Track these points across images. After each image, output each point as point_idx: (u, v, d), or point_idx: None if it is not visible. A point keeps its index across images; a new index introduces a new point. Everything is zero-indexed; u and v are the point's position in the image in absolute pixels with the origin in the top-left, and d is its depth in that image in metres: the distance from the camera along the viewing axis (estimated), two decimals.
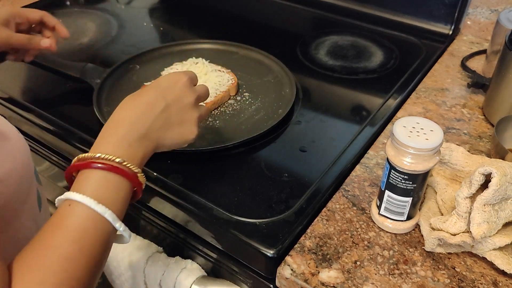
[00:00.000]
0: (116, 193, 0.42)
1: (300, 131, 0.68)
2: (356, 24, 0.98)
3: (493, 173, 0.46)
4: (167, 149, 0.50)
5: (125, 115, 0.47)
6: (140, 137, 0.45)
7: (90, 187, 0.41)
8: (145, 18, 1.05)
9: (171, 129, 0.49)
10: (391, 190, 0.50)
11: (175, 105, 0.50)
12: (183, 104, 0.50)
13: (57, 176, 0.78)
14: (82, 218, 0.39)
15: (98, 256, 0.40)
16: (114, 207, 0.41)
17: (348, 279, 0.48)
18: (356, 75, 0.82)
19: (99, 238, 0.40)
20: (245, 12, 1.08)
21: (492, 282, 0.48)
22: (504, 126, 0.63)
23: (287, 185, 0.59)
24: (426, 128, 0.47)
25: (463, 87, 0.78)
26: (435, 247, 0.50)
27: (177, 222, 0.60)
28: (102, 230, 0.40)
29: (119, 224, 0.41)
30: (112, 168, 0.42)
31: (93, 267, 0.39)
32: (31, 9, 0.70)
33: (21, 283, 0.35)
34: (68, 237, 0.38)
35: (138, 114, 0.47)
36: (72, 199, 0.39)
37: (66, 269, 0.37)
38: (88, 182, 0.41)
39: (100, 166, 0.41)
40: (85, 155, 0.42)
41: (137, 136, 0.45)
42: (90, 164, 0.41)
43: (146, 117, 0.47)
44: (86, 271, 0.38)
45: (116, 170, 0.42)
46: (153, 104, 0.48)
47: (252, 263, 0.54)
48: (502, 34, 0.75)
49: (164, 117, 0.48)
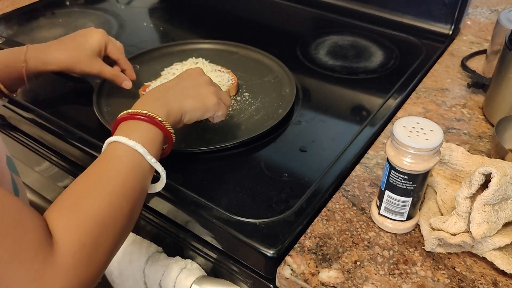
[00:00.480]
0: (151, 138, 0.49)
1: (300, 131, 0.68)
2: (356, 24, 0.98)
3: (493, 173, 0.46)
4: (191, 116, 0.56)
5: (149, 96, 0.55)
6: (165, 105, 0.53)
7: (128, 130, 0.49)
8: (145, 18, 1.05)
9: (190, 97, 0.56)
10: (391, 190, 0.50)
11: (191, 81, 0.58)
12: (198, 81, 0.58)
13: (57, 176, 0.78)
14: (119, 154, 0.47)
15: (135, 193, 0.46)
16: (148, 146, 0.48)
17: (348, 279, 0.48)
18: (356, 75, 0.82)
19: (138, 174, 0.47)
20: (245, 12, 1.08)
21: (492, 282, 0.48)
22: (504, 126, 0.63)
23: (287, 185, 0.58)
24: (426, 128, 0.47)
25: (463, 87, 0.78)
26: (435, 247, 0.50)
27: (177, 222, 0.60)
28: (137, 166, 0.47)
29: (150, 157, 0.48)
30: (151, 121, 0.50)
31: (132, 203, 0.45)
32: (115, 45, 0.73)
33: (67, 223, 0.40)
34: (112, 174, 0.45)
35: (159, 92, 0.55)
36: (111, 141, 0.48)
37: (110, 202, 0.43)
38: (130, 129, 0.49)
39: (142, 118, 0.50)
40: (129, 110, 0.51)
41: (163, 103, 0.53)
42: (134, 116, 0.50)
43: (165, 93, 0.55)
44: (127, 208, 0.44)
45: (154, 123, 0.50)
46: (170, 84, 0.57)
47: (252, 263, 0.54)
48: (502, 34, 0.75)
49: (181, 88, 0.56)
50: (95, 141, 0.66)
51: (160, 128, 0.50)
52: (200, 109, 0.56)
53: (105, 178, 0.45)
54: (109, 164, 0.46)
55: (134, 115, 0.50)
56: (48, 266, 0.37)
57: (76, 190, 0.44)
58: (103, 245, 0.42)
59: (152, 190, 0.52)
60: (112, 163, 0.46)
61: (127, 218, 0.45)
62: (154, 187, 0.52)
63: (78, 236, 0.40)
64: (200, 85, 0.58)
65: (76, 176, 0.75)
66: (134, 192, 0.46)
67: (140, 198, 0.47)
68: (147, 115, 0.50)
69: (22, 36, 0.95)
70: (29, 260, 0.37)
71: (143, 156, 0.47)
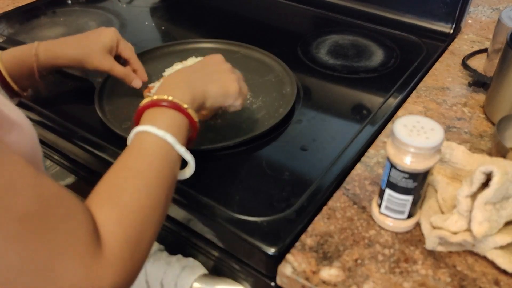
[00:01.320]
0: (178, 126, 0.49)
1: (301, 130, 0.68)
2: (357, 23, 0.98)
3: (494, 172, 0.46)
4: (213, 102, 0.56)
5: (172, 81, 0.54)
6: (189, 90, 0.52)
7: (154, 119, 0.48)
8: (146, 17, 1.05)
9: (215, 82, 0.56)
10: (391, 189, 0.50)
11: (215, 67, 0.58)
12: (222, 67, 0.58)
13: (59, 174, 0.78)
14: (150, 144, 0.46)
15: (169, 182, 0.46)
16: (176, 134, 0.48)
17: (349, 277, 0.48)
18: (357, 74, 0.82)
19: (169, 163, 0.47)
20: (246, 11, 1.08)
21: (494, 281, 0.48)
22: (505, 124, 0.63)
23: (288, 183, 0.59)
24: (427, 127, 0.47)
25: (464, 86, 0.78)
26: (436, 246, 0.50)
27: (179, 221, 0.60)
28: (167, 155, 0.47)
29: (179, 146, 0.48)
30: (177, 107, 0.49)
31: (166, 192, 0.45)
32: (126, 44, 0.73)
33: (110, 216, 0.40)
34: (145, 165, 0.45)
35: (182, 76, 0.55)
36: (139, 131, 0.47)
37: (147, 193, 0.43)
38: (155, 117, 0.49)
39: (167, 105, 0.49)
40: (153, 97, 0.50)
41: (187, 88, 0.52)
42: (159, 103, 0.49)
43: (189, 76, 0.55)
44: (163, 198, 0.45)
45: (180, 110, 0.49)
46: (194, 68, 0.57)
47: (253, 261, 0.54)
48: (503, 33, 0.75)
49: (206, 73, 0.56)
50: (97, 140, 0.66)
51: (186, 115, 0.50)
52: (222, 95, 0.56)
53: (140, 170, 0.44)
54: (141, 155, 0.46)
55: (158, 102, 0.49)
56: (98, 260, 0.37)
57: (112, 183, 0.43)
58: (145, 236, 0.42)
59: (181, 177, 0.52)
60: (143, 154, 0.46)
61: (163, 207, 0.45)
62: (184, 174, 0.52)
63: (123, 229, 0.40)
64: (224, 71, 0.58)
65: (77, 175, 0.76)
66: (167, 181, 0.46)
67: (172, 186, 0.47)
68: (173, 102, 0.49)
69: (23, 35, 0.95)
70: (81, 254, 0.36)
71: (172, 145, 0.47)
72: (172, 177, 0.47)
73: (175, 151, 0.48)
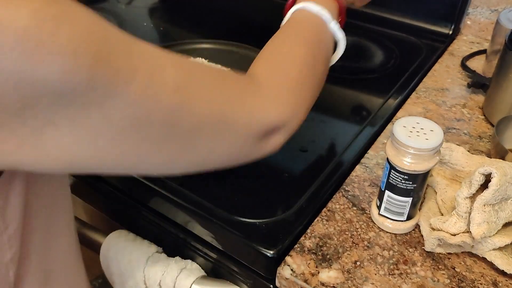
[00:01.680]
0: (330, 6, 0.52)
1: (301, 131, 0.68)
2: (356, 24, 0.98)
3: (493, 173, 0.46)
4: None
5: None
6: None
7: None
8: (145, 17, 1.05)
9: None
10: (391, 190, 0.50)
11: None
12: None
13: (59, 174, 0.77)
14: (310, 21, 0.50)
15: (322, 53, 0.50)
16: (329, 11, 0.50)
17: (348, 279, 0.48)
18: (356, 75, 0.82)
19: (323, 39, 0.50)
20: (245, 12, 1.07)
21: (492, 282, 0.48)
22: (504, 126, 0.63)
23: (287, 185, 0.58)
24: (426, 128, 0.47)
25: (463, 87, 0.78)
26: (435, 247, 0.50)
27: (177, 222, 0.60)
28: (324, 32, 0.50)
29: (334, 23, 0.50)
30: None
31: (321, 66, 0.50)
32: None
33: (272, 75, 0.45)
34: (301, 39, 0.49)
35: None
36: (297, 8, 0.52)
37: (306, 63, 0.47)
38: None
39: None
40: None
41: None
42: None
43: None
44: (319, 71, 0.49)
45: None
46: None
47: (252, 263, 0.54)
48: (502, 34, 0.75)
49: None
50: None
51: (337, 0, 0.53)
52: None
53: (297, 42, 0.49)
54: (300, 31, 0.50)
55: None
56: (258, 97, 0.42)
57: (272, 55, 0.49)
58: (305, 95, 0.48)
59: (332, 61, 0.56)
60: (301, 28, 0.50)
61: (320, 80, 0.50)
62: (334, 56, 0.56)
63: (283, 82, 0.45)
64: None
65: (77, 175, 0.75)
66: (323, 55, 0.50)
67: (327, 61, 0.52)
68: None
69: None
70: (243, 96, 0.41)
71: (326, 23, 0.50)
72: (326, 52, 0.51)
73: (330, 31, 0.51)
